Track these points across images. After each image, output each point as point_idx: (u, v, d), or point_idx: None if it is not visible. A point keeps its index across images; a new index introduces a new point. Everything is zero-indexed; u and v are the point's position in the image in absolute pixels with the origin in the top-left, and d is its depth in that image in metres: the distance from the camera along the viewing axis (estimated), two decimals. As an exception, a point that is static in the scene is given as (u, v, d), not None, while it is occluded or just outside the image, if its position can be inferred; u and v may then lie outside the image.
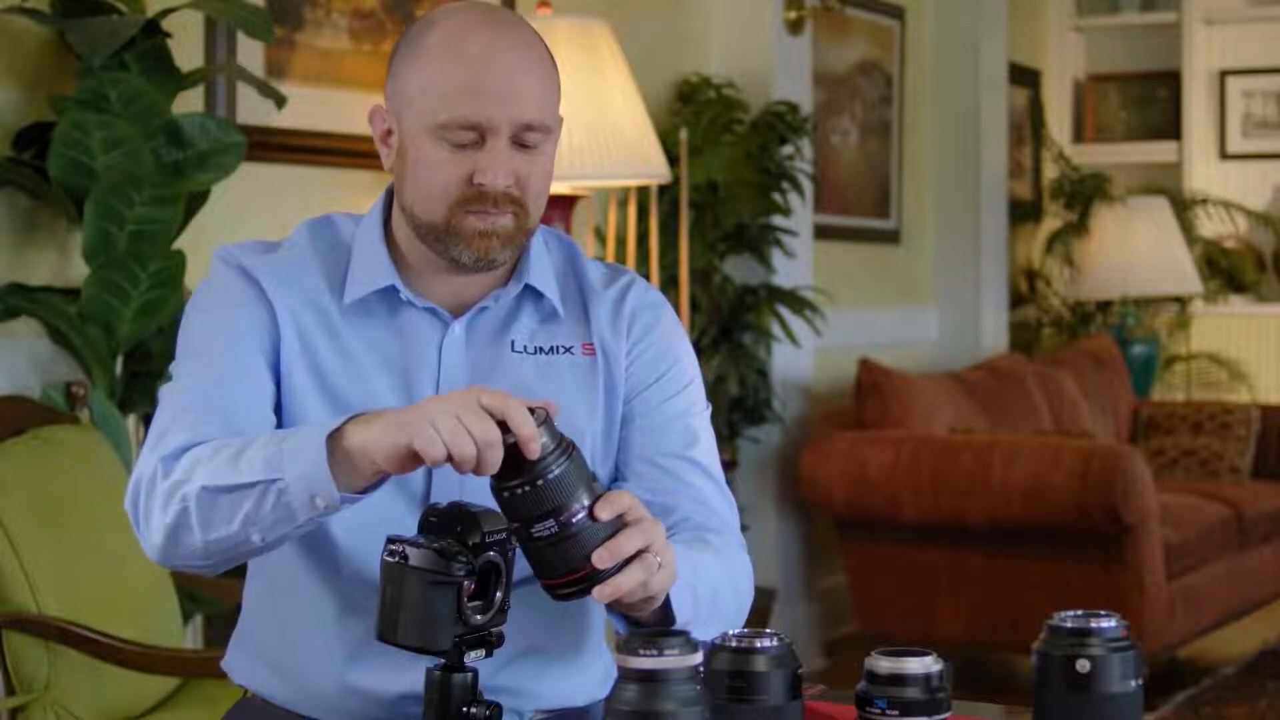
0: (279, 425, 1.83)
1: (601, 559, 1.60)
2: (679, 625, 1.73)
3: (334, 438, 1.63)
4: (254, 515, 1.67)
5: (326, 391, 1.83)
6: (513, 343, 1.88)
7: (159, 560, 1.77)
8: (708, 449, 1.95)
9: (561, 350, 1.89)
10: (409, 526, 1.70)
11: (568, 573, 1.61)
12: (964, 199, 6.60)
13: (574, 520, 1.60)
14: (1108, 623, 1.53)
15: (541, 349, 1.88)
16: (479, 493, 1.79)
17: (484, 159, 1.78)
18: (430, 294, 1.87)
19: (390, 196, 1.91)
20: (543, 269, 1.91)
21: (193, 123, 3.35)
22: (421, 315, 1.86)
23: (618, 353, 1.91)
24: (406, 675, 1.79)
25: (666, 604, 1.73)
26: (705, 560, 1.82)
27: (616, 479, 1.93)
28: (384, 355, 1.85)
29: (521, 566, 1.67)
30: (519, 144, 1.80)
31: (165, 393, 1.86)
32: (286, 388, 1.84)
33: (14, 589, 2.85)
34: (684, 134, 4.60)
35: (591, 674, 1.92)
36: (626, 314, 1.92)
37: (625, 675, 1.37)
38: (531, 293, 1.89)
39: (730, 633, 1.49)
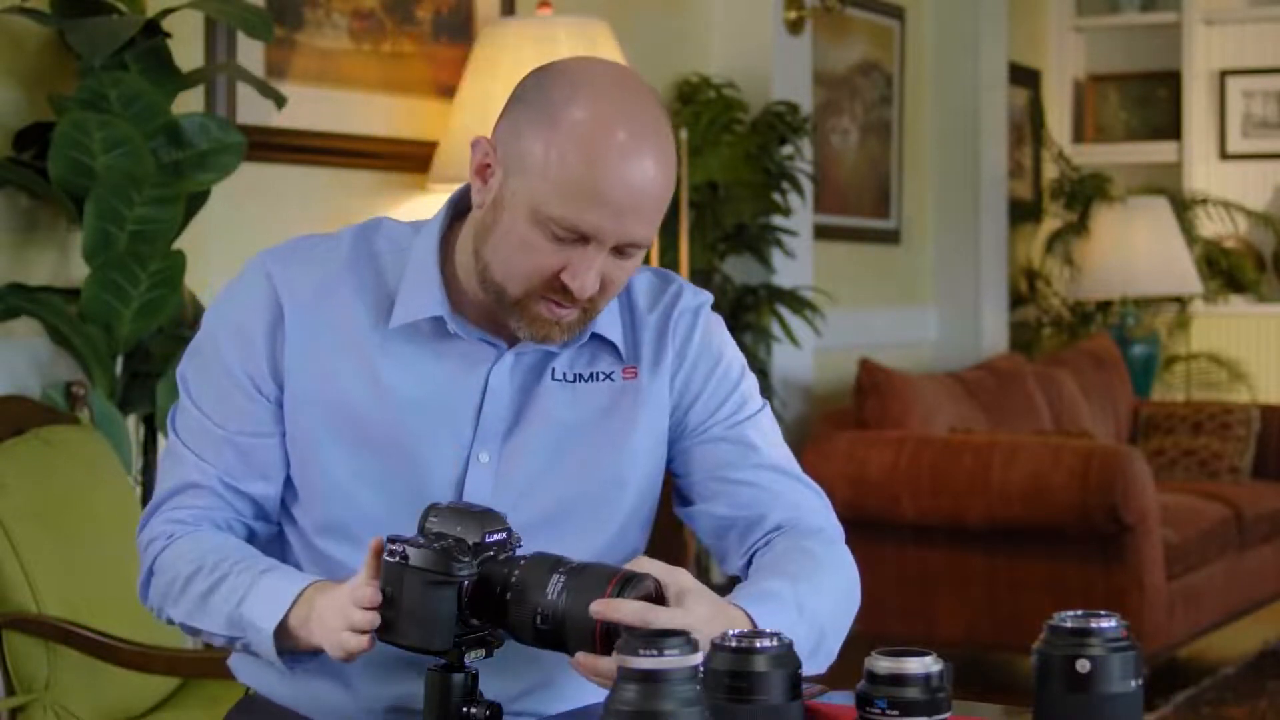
0: (288, 459, 1.84)
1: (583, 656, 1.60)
2: None
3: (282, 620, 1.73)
4: (229, 646, 1.83)
5: (351, 424, 1.80)
6: (553, 370, 1.84)
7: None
8: (772, 448, 1.91)
9: (601, 376, 1.85)
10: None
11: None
12: (964, 199, 6.60)
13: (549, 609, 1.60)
14: (1108, 623, 1.53)
15: (581, 376, 1.85)
16: (479, 495, 1.80)
17: (579, 262, 1.71)
18: (482, 324, 1.82)
19: (453, 210, 1.85)
20: (612, 315, 1.86)
21: (193, 123, 3.35)
22: (473, 343, 1.82)
23: (662, 368, 1.88)
24: (406, 678, 1.80)
25: None
26: (811, 588, 1.78)
27: (691, 500, 1.90)
28: (423, 381, 1.81)
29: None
30: (618, 252, 1.73)
31: (170, 447, 1.89)
32: (295, 427, 1.82)
33: (14, 589, 2.85)
34: (684, 134, 4.60)
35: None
36: (670, 328, 1.89)
37: (625, 675, 1.37)
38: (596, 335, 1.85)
39: (730, 633, 1.49)
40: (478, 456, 1.81)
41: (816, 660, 1.78)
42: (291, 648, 1.74)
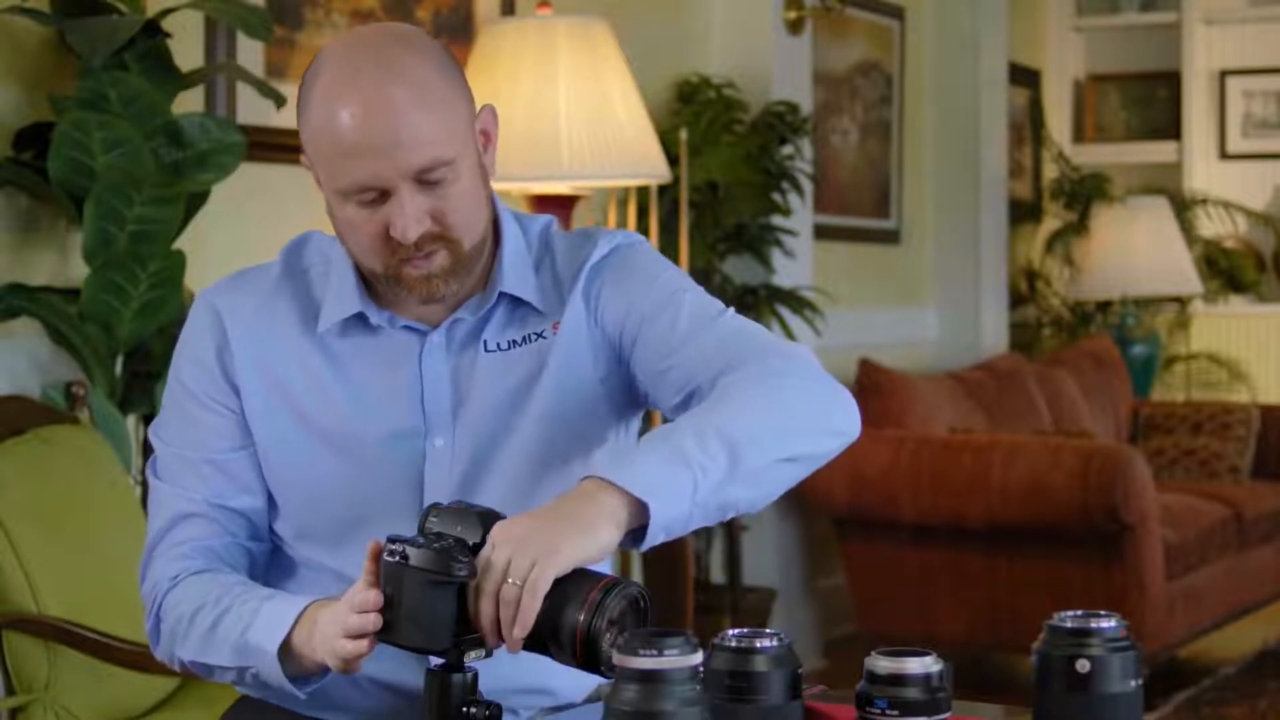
0: (264, 471, 1.86)
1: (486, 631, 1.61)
2: (680, 524, 1.65)
3: (286, 639, 1.74)
4: (240, 680, 1.82)
5: (310, 430, 1.85)
6: (485, 343, 1.86)
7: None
8: (707, 318, 1.84)
9: (534, 338, 1.86)
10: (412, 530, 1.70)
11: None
12: (964, 199, 6.60)
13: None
14: (1108, 623, 1.53)
15: (515, 341, 1.86)
16: (440, 480, 1.80)
17: (391, 212, 1.73)
18: (406, 311, 1.85)
19: None
20: (520, 273, 1.87)
21: (193, 123, 3.35)
22: (399, 331, 1.85)
23: (577, 313, 1.87)
24: (405, 676, 1.80)
25: (641, 536, 1.63)
26: (710, 407, 1.72)
27: (659, 406, 1.87)
28: (360, 380, 1.85)
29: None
30: (425, 184, 1.74)
31: (153, 493, 1.91)
32: (260, 438, 1.86)
33: (14, 589, 2.85)
34: (684, 134, 4.60)
35: None
36: (584, 276, 1.88)
37: (625, 675, 1.37)
38: (508, 295, 1.86)
39: (730, 633, 1.49)
40: (432, 443, 1.83)
41: (737, 478, 1.69)
42: (299, 671, 1.75)
